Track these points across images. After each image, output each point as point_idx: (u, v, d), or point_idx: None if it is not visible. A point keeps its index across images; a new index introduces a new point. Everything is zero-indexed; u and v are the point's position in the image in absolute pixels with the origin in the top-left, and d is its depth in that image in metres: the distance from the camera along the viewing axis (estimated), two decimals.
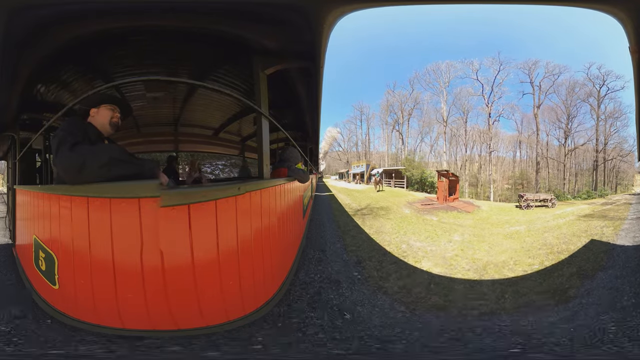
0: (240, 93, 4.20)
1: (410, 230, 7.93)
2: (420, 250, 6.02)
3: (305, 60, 3.01)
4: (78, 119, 2.34)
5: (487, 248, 6.19)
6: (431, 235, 7.49)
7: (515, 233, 7.69)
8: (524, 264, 4.92)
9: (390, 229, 7.97)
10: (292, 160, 4.14)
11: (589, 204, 12.49)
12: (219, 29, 2.70)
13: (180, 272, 1.88)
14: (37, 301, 2.68)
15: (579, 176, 18.25)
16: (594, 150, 17.35)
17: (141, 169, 1.96)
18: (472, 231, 8.02)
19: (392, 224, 8.67)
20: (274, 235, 2.88)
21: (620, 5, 2.32)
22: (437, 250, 6.03)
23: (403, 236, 7.26)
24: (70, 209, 2.06)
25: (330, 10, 2.38)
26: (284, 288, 3.07)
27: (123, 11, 2.43)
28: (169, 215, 1.80)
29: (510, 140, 21.55)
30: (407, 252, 5.77)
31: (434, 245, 6.55)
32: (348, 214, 10.10)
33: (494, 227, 8.76)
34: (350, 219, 9.12)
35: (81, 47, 2.79)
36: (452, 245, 6.52)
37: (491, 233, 7.81)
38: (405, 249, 5.99)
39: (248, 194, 2.29)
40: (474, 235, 7.48)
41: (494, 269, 4.70)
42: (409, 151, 25.98)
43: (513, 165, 20.91)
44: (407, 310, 3.12)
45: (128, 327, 1.99)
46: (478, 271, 4.67)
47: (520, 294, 3.58)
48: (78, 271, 2.04)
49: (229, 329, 2.16)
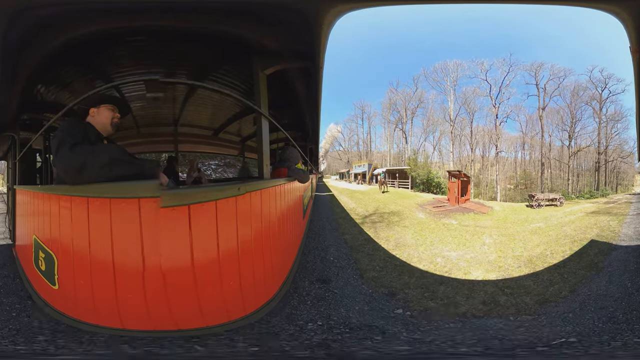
0: (240, 93, 4.19)
1: (436, 239, 6.99)
2: (460, 259, 5.43)
3: (305, 60, 3.01)
4: (78, 119, 2.34)
5: (521, 245, 6.54)
6: (461, 241, 6.90)
7: (538, 229, 8.19)
8: (558, 252, 5.73)
9: (413, 240, 6.78)
10: (292, 160, 4.14)
11: (592, 203, 13.33)
12: (219, 29, 2.70)
13: (181, 272, 1.88)
14: (36, 301, 2.68)
15: (580, 176, 18.62)
16: (595, 152, 17.68)
17: (141, 169, 1.96)
18: (498, 231, 8.08)
19: (412, 234, 7.46)
20: (274, 235, 2.88)
21: (622, 4, 2.32)
22: (477, 256, 5.71)
23: (432, 247, 6.25)
24: (70, 209, 2.06)
25: (329, 9, 2.38)
26: (284, 288, 3.07)
27: (123, 11, 2.43)
28: (169, 216, 1.80)
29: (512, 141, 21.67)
30: (448, 266, 5.07)
31: (470, 251, 6.05)
32: (354, 221, 8.58)
33: (516, 226, 9.01)
34: (359, 228, 7.57)
35: (81, 47, 2.78)
36: (488, 248, 6.39)
37: (517, 231, 8.07)
38: (443, 263, 5.22)
39: (248, 194, 2.29)
40: (502, 235, 7.60)
41: (539, 261, 5.26)
42: (413, 150, 25.50)
43: (515, 166, 21.01)
44: (531, 313, 2.92)
45: (128, 327, 1.99)
46: (527, 266, 5.05)
47: (572, 272, 4.50)
48: (78, 271, 2.04)
49: (229, 329, 2.16)
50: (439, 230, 8.09)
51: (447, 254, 5.81)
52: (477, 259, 5.57)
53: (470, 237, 7.38)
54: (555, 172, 19.57)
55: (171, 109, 5.34)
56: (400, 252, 5.61)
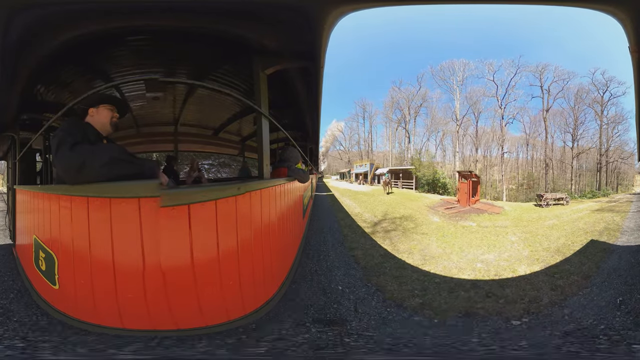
0: (240, 93, 4.19)
1: (464, 244, 6.56)
2: (499, 260, 5.41)
3: (306, 60, 3.01)
4: (77, 119, 2.34)
5: (545, 239, 7.09)
6: (489, 242, 6.78)
7: (553, 225, 8.96)
8: (577, 242, 6.57)
9: (440, 250, 6.06)
10: (292, 160, 4.14)
11: (595, 202, 14.19)
12: (219, 28, 2.70)
13: (181, 271, 1.88)
14: (37, 301, 2.68)
15: (581, 177, 18.91)
16: (597, 153, 17.97)
17: (141, 168, 1.96)
18: (519, 230, 8.36)
19: (435, 242, 6.75)
20: (274, 234, 2.88)
21: (620, 5, 2.32)
22: (513, 254, 5.81)
23: (464, 254, 5.84)
24: (70, 209, 2.06)
25: (331, 10, 2.38)
26: (284, 288, 3.07)
27: (123, 11, 2.42)
28: (169, 215, 1.80)
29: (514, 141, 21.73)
30: (492, 269, 4.86)
31: (503, 251, 6.12)
32: (363, 230, 7.38)
33: (533, 224, 9.43)
34: (370, 240, 6.41)
35: (81, 47, 2.78)
36: (517, 245, 6.60)
37: (535, 228, 8.59)
38: (486, 267, 4.99)
39: (248, 194, 2.29)
40: (525, 232, 7.99)
41: (566, 249, 5.98)
42: (416, 150, 25.22)
43: (516, 166, 21.11)
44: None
45: (128, 327, 1.99)
46: (558, 255, 5.67)
47: (593, 255, 5.41)
48: (78, 271, 2.04)
49: (229, 328, 2.16)
50: (461, 234, 7.81)
51: (483, 257, 5.62)
52: (514, 256, 5.69)
53: (495, 237, 7.42)
54: (557, 173, 19.76)
55: (171, 108, 5.34)
56: (433, 266, 4.89)
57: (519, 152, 21.59)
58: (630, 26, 2.41)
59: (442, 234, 7.66)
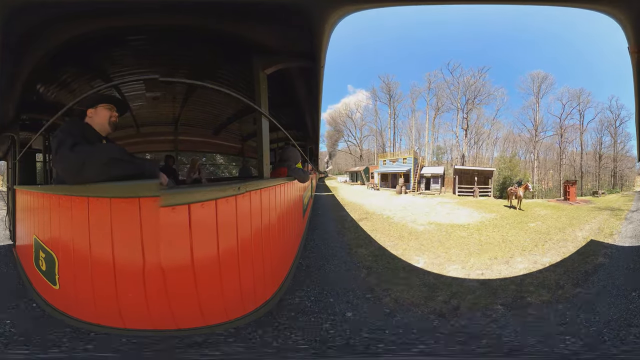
0: (240, 92, 4.19)
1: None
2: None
3: (306, 60, 3.01)
4: (77, 119, 2.33)
5: (623, 204, 12.02)
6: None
7: (616, 200, 14.50)
8: (625, 207, 11.06)
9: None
10: (292, 160, 4.14)
11: (615, 195, 18.83)
12: (219, 28, 2.70)
13: (181, 271, 1.88)
14: (37, 301, 2.69)
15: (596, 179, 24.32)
16: (612, 161, 23.23)
17: (141, 168, 1.95)
18: (616, 205, 12.17)
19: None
20: (274, 234, 2.88)
21: (619, 6, 2.32)
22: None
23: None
24: (70, 209, 2.06)
25: (333, 10, 2.38)
26: (284, 287, 3.07)
27: (122, 11, 2.42)
28: (169, 215, 1.80)
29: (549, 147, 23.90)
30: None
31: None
32: None
33: (614, 202, 13.54)
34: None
35: (80, 47, 2.78)
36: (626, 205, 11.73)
37: (618, 205, 12.25)
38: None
39: (248, 194, 2.29)
40: (617, 206, 11.89)
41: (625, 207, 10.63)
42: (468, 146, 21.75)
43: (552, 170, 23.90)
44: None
45: (129, 326, 1.99)
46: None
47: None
48: (78, 271, 2.05)
49: (228, 328, 2.16)
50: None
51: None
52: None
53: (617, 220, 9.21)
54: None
55: (171, 108, 5.35)
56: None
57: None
58: (629, 27, 2.42)
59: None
